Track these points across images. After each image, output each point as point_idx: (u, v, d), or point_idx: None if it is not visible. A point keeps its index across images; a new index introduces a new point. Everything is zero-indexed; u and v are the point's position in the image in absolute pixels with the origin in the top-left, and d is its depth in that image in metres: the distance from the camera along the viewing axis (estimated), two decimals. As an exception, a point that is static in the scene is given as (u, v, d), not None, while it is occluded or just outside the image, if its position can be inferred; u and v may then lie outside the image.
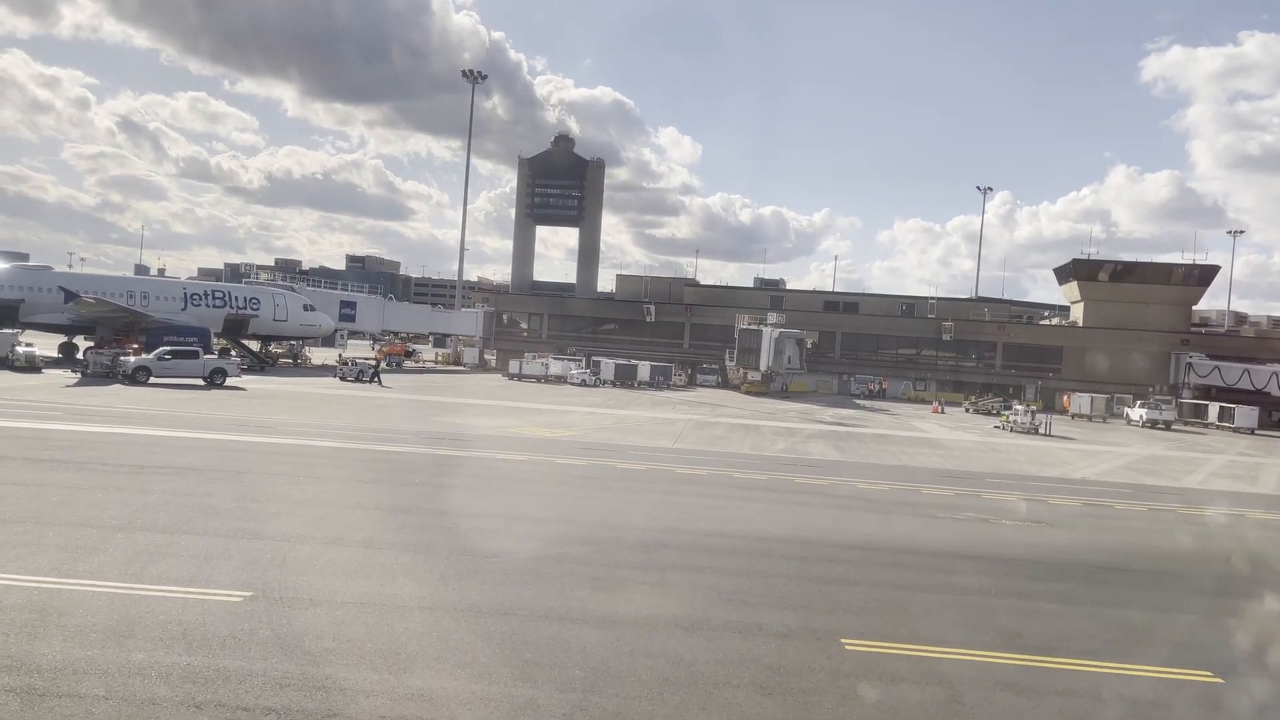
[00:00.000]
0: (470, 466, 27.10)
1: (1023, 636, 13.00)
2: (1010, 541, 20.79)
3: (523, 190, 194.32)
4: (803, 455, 36.42)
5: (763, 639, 11.95)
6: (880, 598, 14.78)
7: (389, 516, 18.48)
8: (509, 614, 12.27)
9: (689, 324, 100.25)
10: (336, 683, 9.51)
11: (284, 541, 15.44)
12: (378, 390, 57.94)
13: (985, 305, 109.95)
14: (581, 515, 20.46)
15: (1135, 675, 11.63)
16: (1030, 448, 47.68)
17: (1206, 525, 25.62)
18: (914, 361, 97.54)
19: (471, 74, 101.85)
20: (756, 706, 9.66)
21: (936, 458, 39.04)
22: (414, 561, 14.81)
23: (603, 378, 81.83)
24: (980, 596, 15.28)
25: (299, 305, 75.40)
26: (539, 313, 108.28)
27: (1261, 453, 54.12)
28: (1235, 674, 11.83)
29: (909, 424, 59.45)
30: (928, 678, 10.94)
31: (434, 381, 72.48)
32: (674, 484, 26.12)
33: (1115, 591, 16.55)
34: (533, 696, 9.49)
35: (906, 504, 25.34)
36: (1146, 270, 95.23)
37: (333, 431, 33.01)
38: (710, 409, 60.86)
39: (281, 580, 13.01)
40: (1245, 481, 37.54)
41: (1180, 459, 46.66)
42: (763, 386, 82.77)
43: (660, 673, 10.43)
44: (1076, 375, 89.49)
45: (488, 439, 34.38)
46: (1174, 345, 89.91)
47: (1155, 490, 32.30)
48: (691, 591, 14.17)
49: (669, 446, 36.17)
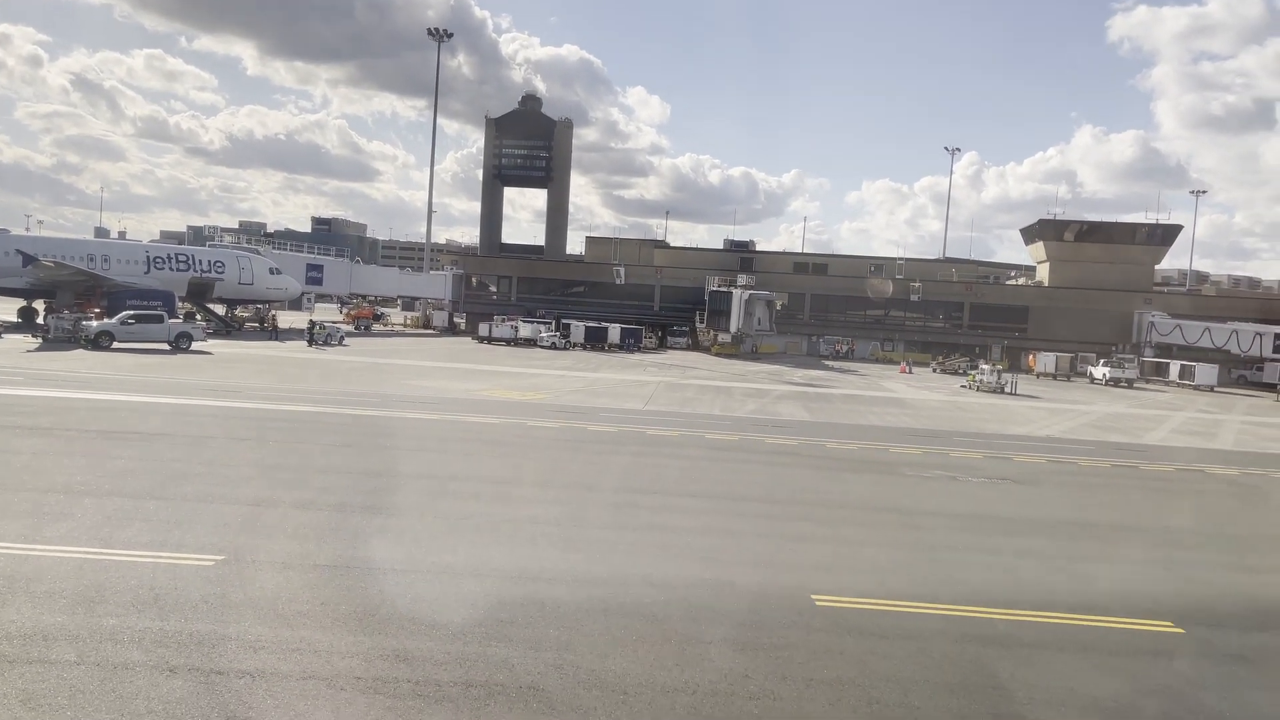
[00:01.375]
0: (441, 430, 27.04)
1: (989, 590, 13.27)
2: (977, 498, 21.14)
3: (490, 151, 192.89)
4: (773, 416, 36.68)
5: (735, 596, 12.11)
6: (850, 554, 15.00)
7: (360, 480, 18.42)
8: (482, 575, 12.33)
9: (659, 286, 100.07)
10: (311, 645, 9.53)
11: (255, 505, 15.37)
12: (346, 354, 57.50)
13: (953, 266, 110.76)
14: (554, 477, 20.52)
15: (1097, 626, 11.92)
16: (996, 406, 48.33)
17: (1166, 481, 26.17)
18: (882, 322, 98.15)
19: (437, 32, 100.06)
20: (729, 661, 9.81)
21: (905, 417, 39.48)
22: (387, 523, 14.81)
23: (573, 340, 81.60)
24: (948, 552, 15.55)
25: (265, 268, 74.29)
26: (508, 275, 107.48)
27: (1220, 409, 55.25)
28: (1195, 624, 12.16)
29: (877, 384, 60.01)
30: (897, 632, 11.15)
31: (402, 345, 72.01)
32: (645, 445, 26.23)
33: (1078, 545, 16.90)
34: (507, 655, 9.56)
35: (875, 463, 25.65)
36: (1111, 230, 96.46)
37: (301, 396, 32.75)
38: (681, 371, 61.03)
39: (253, 544, 12.97)
40: (1204, 438, 38.35)
41: (1142, 416, 47.53)
42: (733, 348, 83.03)
43: (634, 630, 10.54)
44: (1042, 335, 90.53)
45: (458, 402, 34.28)
46: (1137, 304, 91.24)
47: (1118, 447, 32.93)
48: (664, 550, 14.30)
49: (640, 409, 36.27)
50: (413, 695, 8.54)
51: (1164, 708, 9.39)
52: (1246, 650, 11.39)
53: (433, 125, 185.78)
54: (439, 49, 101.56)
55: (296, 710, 8.14)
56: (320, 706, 8.24)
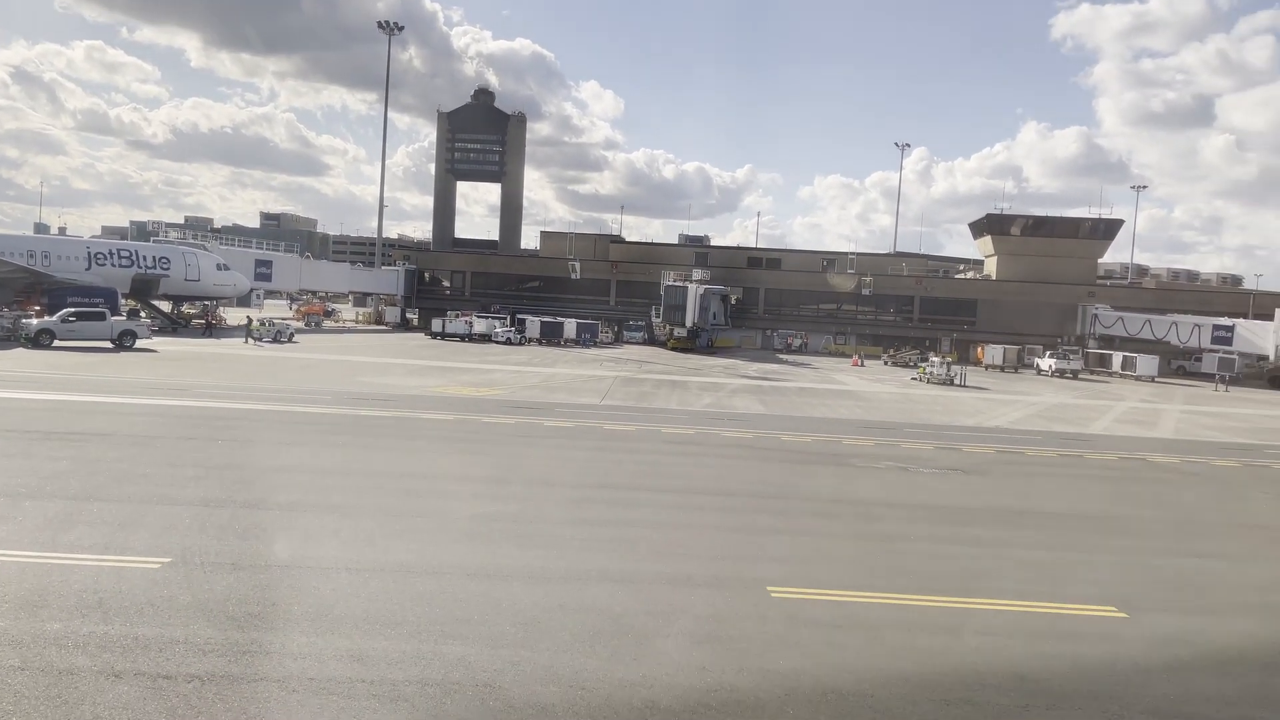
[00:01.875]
0: (394, 427, 26.76)
1: (940, 579, 13.47)
2: (928, 488, 21.44)
3: (442, 145, 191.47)
4: (729, 410, 36.87)
5: (692, 589, 12.15)
6: (805, 546, 15.13)
7: (312, 479, 18.17)
8: (438, 573, 12.22)
9: (615, 281, 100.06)
10: (262, 647, 9.38)
11: (202, 506, 15.08)
12: (297, 351, 56.64)
13: (903, 260, 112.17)
14: (510, 473, 20.41)
15: (1044, 612, 12.17)
16: (946, 398, 49.06)
17: (1110, 469, 26.77)
18: (835, 316, 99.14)
19: (387, 25, 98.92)
20: (686, 655, 9.84)
21: (857, 409, 39.91)
22: (339, 523, 14.61)
23: (528, 336, 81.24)
24: (900, 542, 15.76)
25: (212, 264, 72.88)
26: (462, 270, 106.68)
27: (1161, 399, 56.64)
28: (1138, 609, 12.46)
29: (830, 377, 60.58)
30: (851, 622, 11.28)
31: (355, 341, 71.16)
32: (602, 440, 26.21)
33: (1026, 534, 17.22)
34: (464, 654, 9.50)
35: (829, 455, 25.90)
36: (1055, 225, 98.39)
37: (249, 394, 32.21)
38: (637, 365, 61.07)
39: (201, 545, 12.72)
40: (1145, 427, 39.29)
41: (1087, 406, 48.55)
42: (689, 343, 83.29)
43: (591, 626, 10.53)
44: (990, 327, 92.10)
45: (412, 399, 33.96)
46: (1081, 297, 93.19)
47: (1064, 436, 33.60)
48: (621, 545, 14.31)
49: (597, 403, 36.24)
50: (368, 695, 8.45)
51: (1111, 691, 9.60)
52: (1189, 633, 11.69)
53: (384, 119, 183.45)
54: (389, 42, 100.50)
55: (247, 714, 8.01)
56: (272, 709, 8.12)
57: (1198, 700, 9.56)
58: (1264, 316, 79.43)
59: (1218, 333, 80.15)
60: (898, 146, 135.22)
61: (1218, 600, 13.42)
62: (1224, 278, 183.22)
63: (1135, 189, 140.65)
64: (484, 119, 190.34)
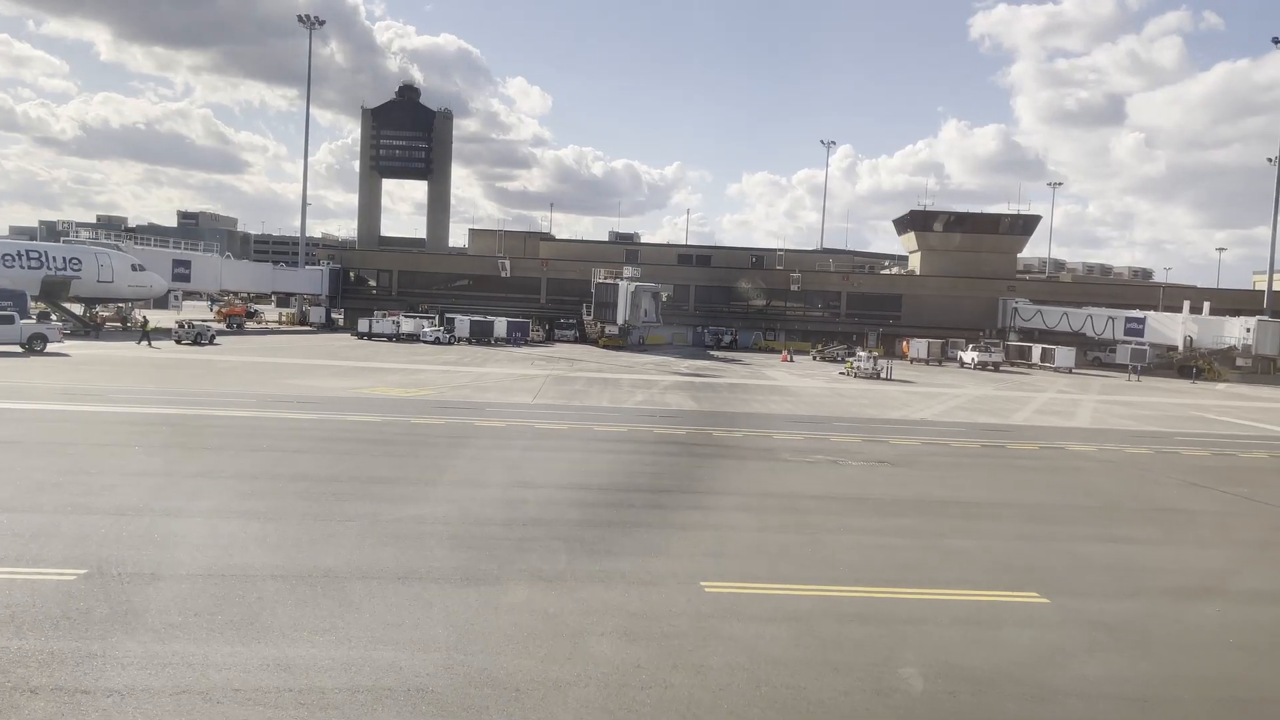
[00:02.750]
0: (320, 429, 26.23)
1: (870, 570, 13.71)
2: (857, 481, 21.80)
3: (367, 142, 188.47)
4: (661, 406, 36.99)
5: (625, 586, 12.16)
6: (737, 540, 15.25)
7: (235, 484, 17.70)
8: (368, 577, 12.02)
9: (545, 279, 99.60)
10: (184, 658, 9.11)
11: (119, 515, 14.58)
12: (218, 353, 55.14)
13: (830, 256, 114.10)
14: (440, 475, 20.17)
15: (969, 600, 12.48)
16: (873, 392, 49.97)
17: (1031, 459, 27.56)
18: (764, 312, 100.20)
19: (308, 19, 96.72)
20: (621, 653, 9.84)
21: (787, 404, 40.40)
22: (264, 529, 14.26)
23: (458, 335, 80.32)
24: (830, 534, 15.99)
25: (126, 265, 70.42)
26: (388, 269, 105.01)
27: (1078, 390, 58.54)
28: (1059, 594, 12.85)
29: (760, 373, 61.22)
30: (783, 615, 11.41)
31: (278, 343, 69.55)
32: (534, 439, 26.07)
33: (951, 523, 17.62)
34: (395, 659, 9.36)
35: (760, 449, 26.16)
36: (976, 220, 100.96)
37: (168, 398, 31.26)
38: (569, 364, 60.89)
39: (118, 555, 12.30)
40: (1064, 417, 40.56)
41: (1009, 398, 49.92)
42: (620, 340, 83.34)
43: (525, 626, 10.47)
44: (915, 321, 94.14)
45: (338, 400, 33.34)
46: (1001, 291, 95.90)
47: (986, 428, 34.50)
48: (554, 544, 14.23)
49: (528, 402, 36.03)
50: (295, 705, 8.26)
51: (1032, 675, 9.88)
52: (1108, 617, 12.10)
53: (306, 115, 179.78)
54: (310, 36, 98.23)
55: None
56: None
57: (1117, 681, 9.89)
58: (1173, 309, 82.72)
59: (1130, 325, 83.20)
60: (823, 144, 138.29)
61: (1134, 584, 13.90)
62: (1135, 271, 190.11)
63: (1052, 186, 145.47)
64: (409, 116, 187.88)
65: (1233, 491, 22.86)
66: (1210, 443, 32.98)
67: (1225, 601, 13.10)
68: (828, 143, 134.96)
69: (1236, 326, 77.17)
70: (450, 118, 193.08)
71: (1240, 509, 20.93)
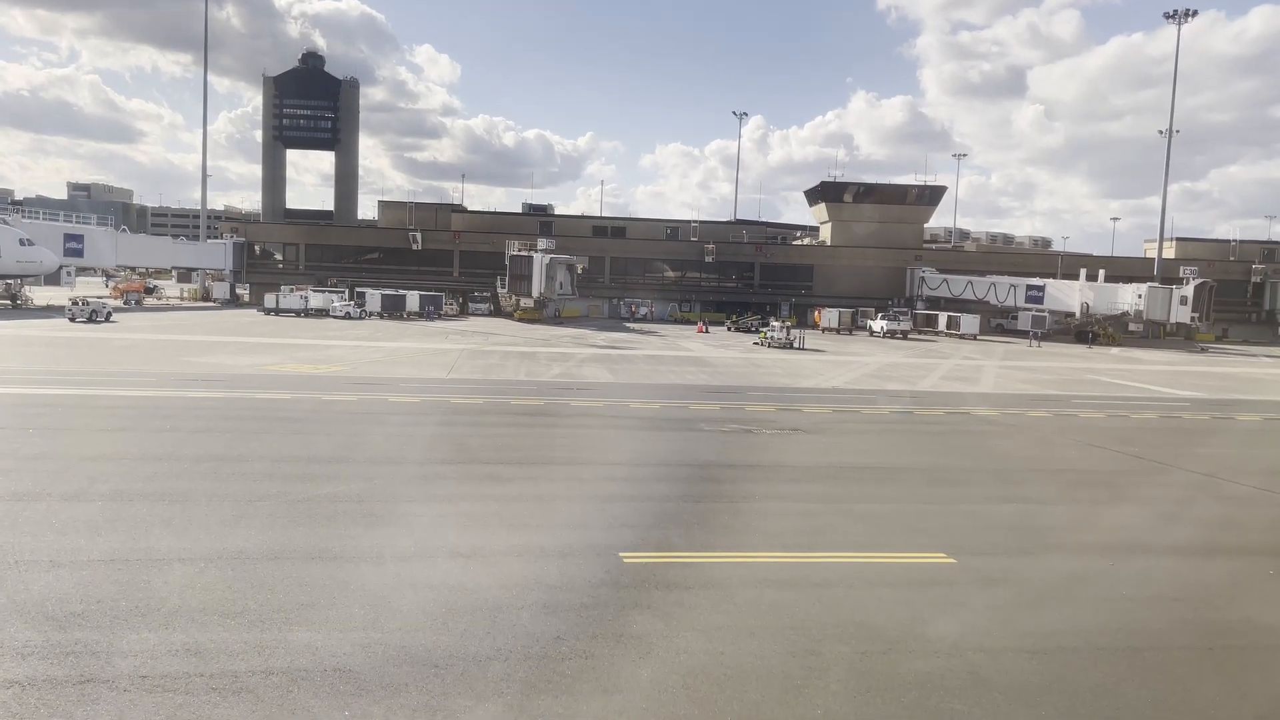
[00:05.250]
0: (227, 408, 25.47)
1: (784, 536, 14.00)
2: (771, 449, 22.18)
3: (269, 111, 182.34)
4: (578, 379, 36.96)
5: (544, 560, 12.17)
6: (654, 511, 15.38)
7: (138, 466, 17.08)
8: (281, 558, 11.77)
9: (458, 251, 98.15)
10: (88, 647, 8.81)
11: (14, 501, 13.96)
12: (115, 330, 52.95)
13: (744, 228, 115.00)
14: (353, 453, 19.78)
15: (880, 562, 12.86)
16: (786, 361, 50.80)
17: (938, 424, 28.44)
18: (679, 284, 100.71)
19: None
20: (541, 625, 9.87)
21: (703, 375, 40.80)
22: (171, 511, 13.82)
23: (369, 310, 78.75)
24: (745, 502, 16.26)
25: (13, 240, 66.97)
26: (295, 243, 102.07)
27: (982, 356, 60.53)
28: (964, 553, 13.34)
29: (676, 344, 61.63)
30: (702, 582, 11.58)
31: (180, 319, 67.14)
32: (450, 414, 25.79)
33: (863, 488, 18.10)
34: (311, 640, 9.21)
35: (677, 420, 26.39)
36: (885, 191, 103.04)
37: (63, 378, 29.93)
38: (484, 338, 60.30)
39: (15, 543, 11.79)
40: (969, 383, 41.91)
41: (916, 365, 51.33)
42: (536, 313, 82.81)
43: (444, 602, 10.40)
44: (826, 291, 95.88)
45: (244, 378, 32.38)
46: (909, 261, 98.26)
47: (895, 394, 35.43)
48: (472, 520, 14.15)
49: (443, 377, 35.60)
50: (206, 690, 8.07)
51: (939, 632, 10.26)
52: (1010, 574, 12.62)
53: (204, 82, 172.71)
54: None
55: (73, 717, 7.52)
56: (101, 711, 7.64)
57: (1017, 635, 10.34)
58: (1071, 277, 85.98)
59: (1031, 292, 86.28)
60: (735, 115, 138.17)
61: (1034, 542, 14.51)
62: (1036, 240, 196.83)
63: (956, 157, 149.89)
64: (314, 84, 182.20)
65: (1126, 451, 23.99)
66: (1105, 405, 34.52)
67: (1118, 556, 13.78)
68: (740, 114, 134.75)
69: (1129, 293, 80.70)
70: (357, 86, 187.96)
71: (1132, 467, 21.98)
